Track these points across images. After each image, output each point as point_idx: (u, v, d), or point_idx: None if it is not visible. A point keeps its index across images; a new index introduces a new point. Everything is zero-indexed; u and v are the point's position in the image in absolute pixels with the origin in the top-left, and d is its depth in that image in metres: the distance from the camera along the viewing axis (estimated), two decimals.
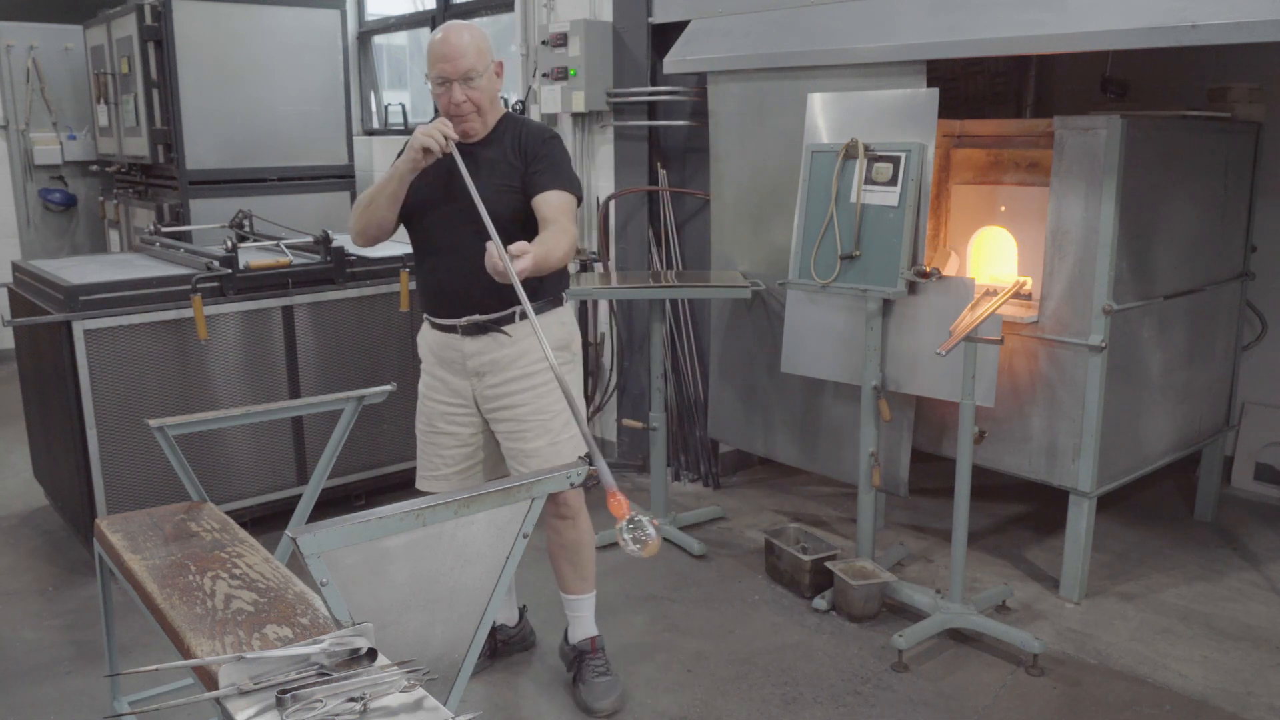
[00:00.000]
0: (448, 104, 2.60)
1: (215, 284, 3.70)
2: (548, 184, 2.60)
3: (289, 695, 1.45)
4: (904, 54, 3.36)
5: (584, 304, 4.76)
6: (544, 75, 4.51)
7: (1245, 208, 3.88)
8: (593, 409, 4.81)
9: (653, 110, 4.40)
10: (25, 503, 4.37)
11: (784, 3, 3.78)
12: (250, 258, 3.89)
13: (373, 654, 1.56)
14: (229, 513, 2.92)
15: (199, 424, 2.62)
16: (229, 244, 3.81)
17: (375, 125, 6.66)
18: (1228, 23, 2.63)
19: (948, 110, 3.45)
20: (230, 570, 2.20)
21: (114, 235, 6.48)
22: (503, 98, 2.84)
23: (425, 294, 2.82)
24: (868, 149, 3.29)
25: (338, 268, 3.98)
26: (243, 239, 4.43)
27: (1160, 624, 3.29)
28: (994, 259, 3.65)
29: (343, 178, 5.84)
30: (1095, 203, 3.15)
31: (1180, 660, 3.07)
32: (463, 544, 1.85)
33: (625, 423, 4.39)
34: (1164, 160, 3.36)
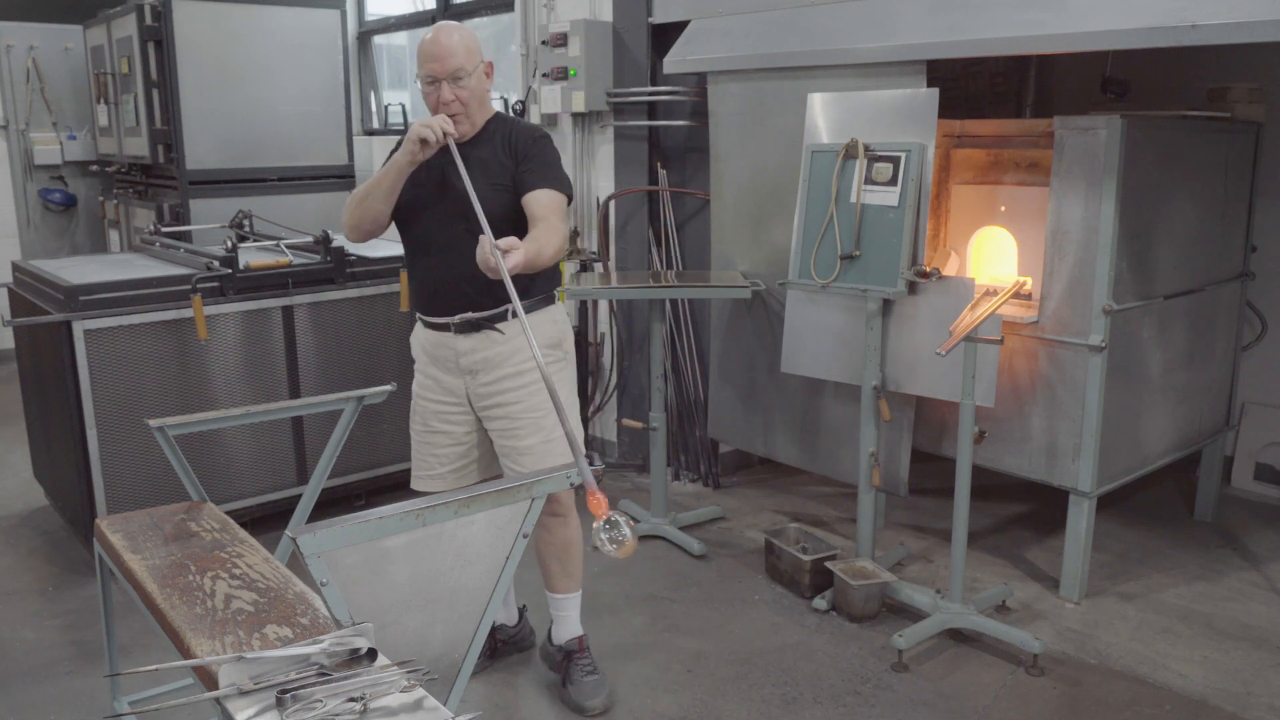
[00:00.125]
0: (436, 103, 2.61)
1: (215, 284, 3.70)
2: (538, 182, 2.61)
3: (289, 695, 1.46)
4: (904, 54, 3.36)
5: (584, 304, 4.76)
6: (544, 75, 4.51)
7: (1245, 208, 3.88)
8: (593, 409, 4.82)
9: (653, 110, 4.40)
10: (25, 503, 4.37)
11: (784, 3, 3.78)
12: (250, 258, 3.89)
13: (373, 654, 1.56)
14: (229, 513, 2.92)
15: (199, 424, 2.62)
16: (229, 244, 3.81)
17: (375, 125, 6.66)
18: (1228, 23, 2.63)
19: (948, 110, 3.45)
20: (230, 570, 2.20)
21: (114, 235, 6.48)
22: (503, 98, 2.84)
23: (418, 293, 2.82)
24: (868, 149, 3.29)
25: (338, 268, 3.98)
26: (243, 239, 4.43)
27: (1160, 624, 3.29)
28: (994, 259, 3.65)
29: (343, 178, 5.83)
30: (1095, 203, 3.16)
31: (1180, 660, 3.08)
32: (463, 544, 1.85)
33: (625, 423, 4.39)
34: (1164, 160, 3.36)
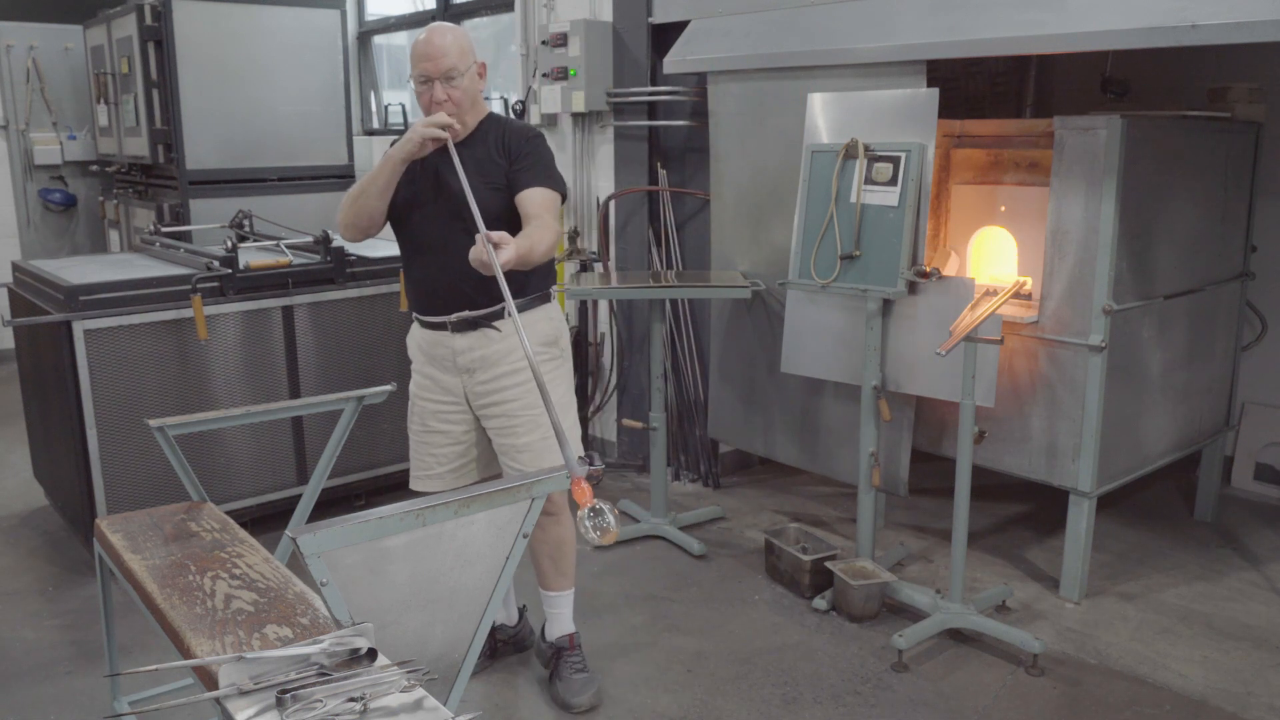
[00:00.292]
0: (429, 102, 2.62)
1: (215, 284, 3.70)
2: (531, 181, 2.61)
3: (289, 695, 1.46)
4: (904, 54, 3.36)
5: (584, 304, 4.76)
6: (544, 75, 4.51)
7: (1245, 208, 3.88)
8: (593, 409, 4.82)
9: (653, 110, 4.40)
10: (25, 503, 4.37)
11: (784, 3, 3.78)
12: (250, 258, 3.89)
13: (373, 654, 1.56)
14: (229, 513, 2.92)
15: (199, 424, 2.62)
16: (229, 244, 3.81)
17: (375, 125, 6.66)
18: (1228, 23, 2.63)
19: (948, 110, 3.45)
20: (230, 570, 2.20)
21: (114, 235, 6.48)
22: (503, 98, 2.84)
23: (414, 292, 2.82)
24: (868, 149, 3.29)
25: (338, 268, 3.98)
26: (243, 239, 4.43)
27: (1160, 624, 3.29)
28: (994, 259, 3.65)
29: (343, 178, 5.83)
30: (1095, 203, 3.15)
31: (1180, 660, 3.07)
32: (463, 544, 1.85)
33: (625, 423, 4.39)
34: (1164, 160, 3.36)
